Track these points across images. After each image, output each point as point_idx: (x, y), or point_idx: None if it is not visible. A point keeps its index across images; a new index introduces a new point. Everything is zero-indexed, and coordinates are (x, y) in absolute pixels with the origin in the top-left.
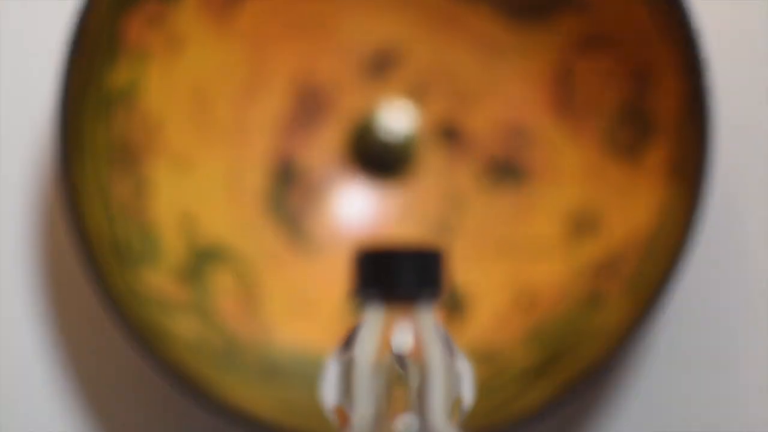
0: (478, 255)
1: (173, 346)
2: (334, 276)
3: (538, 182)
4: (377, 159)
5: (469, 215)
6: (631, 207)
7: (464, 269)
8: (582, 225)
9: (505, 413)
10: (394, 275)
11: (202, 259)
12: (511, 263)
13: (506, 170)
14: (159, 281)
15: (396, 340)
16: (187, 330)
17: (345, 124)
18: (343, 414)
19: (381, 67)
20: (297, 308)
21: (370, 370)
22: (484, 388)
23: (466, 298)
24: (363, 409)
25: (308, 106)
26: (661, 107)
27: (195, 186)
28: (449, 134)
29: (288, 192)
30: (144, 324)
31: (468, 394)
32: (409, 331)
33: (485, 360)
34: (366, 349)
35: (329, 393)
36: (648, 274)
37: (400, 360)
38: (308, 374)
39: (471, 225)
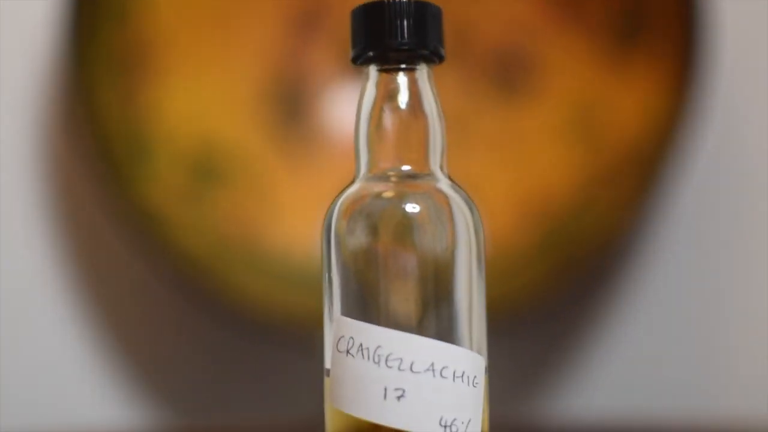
0: (483, 147)
1: (181, 239)
2: (339, 175)
3: (538, 81)
4: None
5: (473, 111)
6: (630, 101)
7: (468, 161)
8: (582, 117)
9: (506, 288)
10: (390, 25)
11: (213, 158)
12: (513, 154)
13: (508, 71)
14: (170, 179)
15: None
16: (196, 224)
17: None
18: None
19: None
20: (304, 206)
21: (370, 122)
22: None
23: (468, 186)
24: (363, 162)
25: (311, 12)
26: (656, 5)
27: (205, 89)
28: (452, 34)
29: (296, 94)
30: (155, 218)
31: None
32: (405, 81)
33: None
34: (366, 103)
35: None
36: (647, 160)
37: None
38: (313, 271)
39: (475, 120)
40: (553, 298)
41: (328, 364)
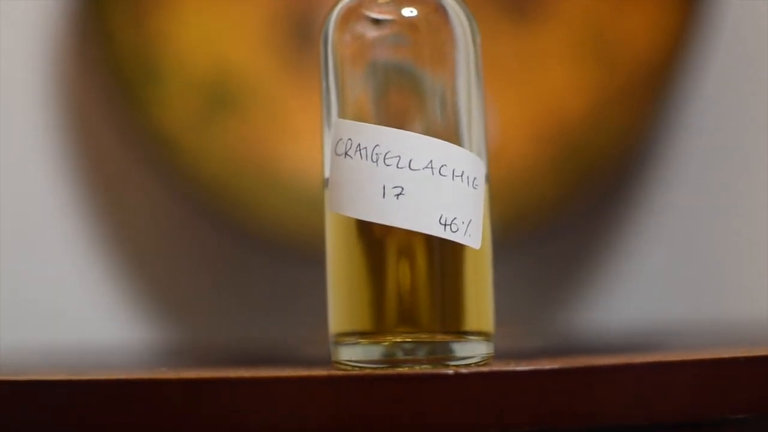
0: (495, 69)
1: (193, 163)
2: None
3: (549, 2)
4: None
5: (483, 34)
6: (641, 19)
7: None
8: (594, 36)
9: (520, 206)
10: None
11: (225, 84)
12: (525, 76)
13: None
14: (183, 105)
15: None
16: (209, 148)
17: None
18: None
19: None
20: (315, 129)
21: None
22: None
23: None
24: None
25: None
26: None
27: (217, 15)
28: None
29: (308, 19)
30: (167, 143)
31: None
32: None
33: (496, 158)
34: None
35: None
36: (659, 77)
37: None
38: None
39: (486, 43)
40: (567, 216)
41: (326, 173)
